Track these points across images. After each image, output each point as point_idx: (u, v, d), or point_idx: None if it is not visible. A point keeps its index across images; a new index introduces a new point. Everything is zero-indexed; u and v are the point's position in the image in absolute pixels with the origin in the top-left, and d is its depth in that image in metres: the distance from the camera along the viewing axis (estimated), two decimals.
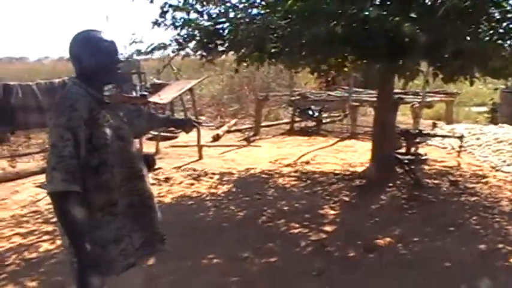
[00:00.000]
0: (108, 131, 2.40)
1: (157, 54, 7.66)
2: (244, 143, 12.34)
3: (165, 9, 7.12)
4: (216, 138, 12.75)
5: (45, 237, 5.97)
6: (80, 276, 2.23)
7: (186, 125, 3.28)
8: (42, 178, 8.73)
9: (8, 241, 5.91)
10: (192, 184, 8.31)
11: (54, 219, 6.48)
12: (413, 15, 5.76)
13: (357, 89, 13.95)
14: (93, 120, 2.35)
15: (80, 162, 2.28)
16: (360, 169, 8.88)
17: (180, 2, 7.09)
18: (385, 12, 5.92)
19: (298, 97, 14.46)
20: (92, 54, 2.46)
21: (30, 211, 7.04)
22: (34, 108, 11.09)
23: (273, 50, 6.34)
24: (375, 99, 10.07)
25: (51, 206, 6.41)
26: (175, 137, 13.13)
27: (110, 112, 2.49)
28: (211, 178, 8.69)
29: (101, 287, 2.23)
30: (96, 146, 2.35)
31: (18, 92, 10.96)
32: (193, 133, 11.07)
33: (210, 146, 11.61)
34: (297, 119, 14.93)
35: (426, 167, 8.99)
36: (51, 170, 2.27)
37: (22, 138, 11.48)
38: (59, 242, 5.69)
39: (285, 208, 6.91)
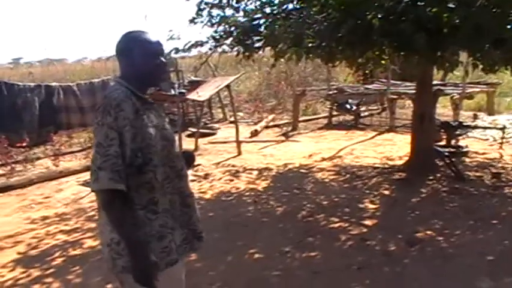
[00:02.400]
0: (152, 131, 2.43)
1: (194, 51, 7.71)
2: (283, 138, 12.34)
3: (201, 7, 7.18)
4: (254, 133, 12.78)
5: (89, 234, 6.09)
6: (136, 269, 2.33)
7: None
8: (84, 176, 8.93)
9: (53, 238, 6.05)
10: (231, 180, 8.36)
11: (97, 217, 6.64)
12: (451, 5, 5.68)
13: (395, 82, 13.80)
14: (139, 120, 2.39)
15: (124, 161, 2.32)
16: (399, 162, 8.81)
17: None
18: (422, 3, 5.88)
19: (335, 91, 14.41)
20: (141, 54, 2.49)
21: (74, 209, 7.18)
22: (75, 108, 11.30)
23: (310, 45, 6.32)
24: (413, 91, 9.97)
25: (94, 204, 6.57)
26: (214, 133, 13.21)
27: (154, 112, 2.54)
28: (250, 174, 8.73)
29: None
30: (140, 146, 2.39)
31: (60, 92, 11.18)
32: (232, 129, 11.15)
33: (248, 142, 11.64)
34: (335, 113, 14.86)
35: (467, 160, 8.88)
36: (97, 169, 2.31)
37: (64, 138, 11.67)
38: (92, 244, 5.83)
39: (325, 203, 6.91)
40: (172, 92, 11.09)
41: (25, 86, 10.95)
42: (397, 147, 10.35)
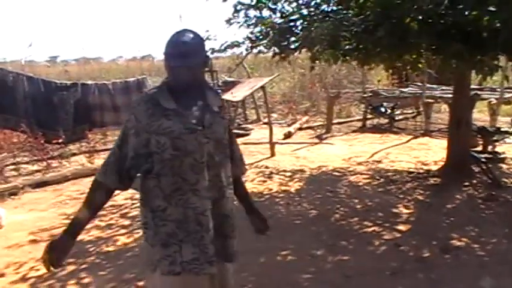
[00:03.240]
0: (162, 139, 2.39)
1: (229, 52, 7.74)
2: (316, 140, 12.30)
3: (238, 8, 7.18)
4: (288, 135, 12.76)
5: (122, 231, 6.16)
6: (46, 246, 2.63)
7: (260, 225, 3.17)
8: None
9: (87, 234, 6.10)
10: (264, 181, 8.36)
11: (131, 214, 6.72)
12: (492, 8, 5.58)
13: (431, 85, 13.63)
14: (149, 126, 2.40)
15: (120, 160, 2.48)
16: (434, 168, 8.70)
17: (252, 0, 7.13)
18: (462, 6, 5.79)
19: (370, 94, 14.30)
20: (165, 57, 2.48)
21: (108, 205, 7.23)
22: (109, 106, 11.40)
23: (346, 47, 6.28)
24: (449, 95, 9.83)
25: (128, 201, 6.65)
26: (248, 134, 13.23)
27: (175, 118, 2.43)
28: (283, 175, 8.72)
29: None
30: (150, 152, 2.42)
31: (95, 91, 11.30)
32: (265, 130, 11.14)
33: (282, 143, 11.62)
34: (369, 116, 14.75)
35: (504, 166, 8.71)
36: (104, 161, 2.57)
37: (99, 136, 11.82)
38: (136, 236, 5.89)
39: (358, 206, 6.86)
40: None
41: (61, 84, 11.10)
42: (432, 152, 10.22)
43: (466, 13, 5.63)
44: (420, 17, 5.59)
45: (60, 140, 10.15)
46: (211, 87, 2.71)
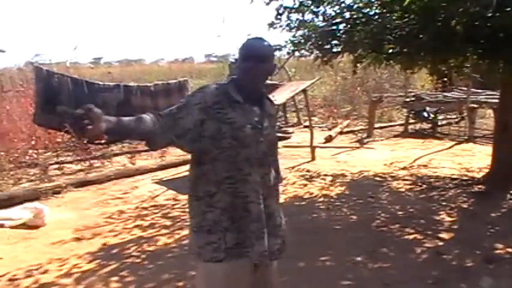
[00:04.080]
0: (224, 127, 2.49)
1: None
2: (357, 144, 12.20)
3: (280, 11, 7.17)
4: (329, 139, 12.69)
5: (164, 231, 6.19)
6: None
7: None
8: (159, 175, 9.11)
9: (129, 233, 6.18)
10: (304, 185, 8.32)
11: (172, 214, 6.76)
12: None
13: (476, 90, 13.37)
14: (215, 109, 2.49)
15: (174, 123, 2.43)
16: (478, 174, 8.53)
17: (295, 3, 7.10)
18: (509, 9, 5.65)
19: (413, 98, 14.11)
20: (245, 57, 2.62)
21: (150, 205, 7.33)
22: (151, 108, 11.51)
23: (390, 51, 6.21)
24: (495, 100, 9.64)
25: (169, 202, 6.71)
26: (288, 138, 13.20)
27: (241, 113, 2.56)
28: (324, 179, 8.67)
29: None
30: (204, 133, 2.48)
31: (137, 92, 11.45)
32: (306, 134, 11.10)
33: (322, 147, 11.57)
34: (412, 121, 14.57)
35: None
36: None
37: None
38: (176, 237, 5.93)
39: (399, 213, 6.75)
40: None
41: (104, 85, 11.28)
42: (476, 159, 10.03)
43: None
44: (466, 20, 5.47)
45: (102, 141, 10.29)
46: (268, 97, 2.83)
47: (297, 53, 7.50)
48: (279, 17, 7.15)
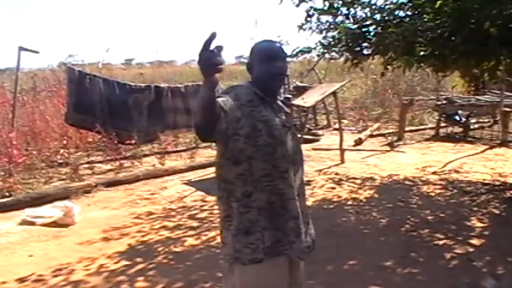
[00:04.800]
0: (260, 125, 2.50)
1: (300, 57, 7.70)
2: (387, 148, 12.09)
3: (310, 13, 7.14)
4: (358, 142, 12.60)
5: (191, 232, 6.21)
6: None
7: None
8: (188, 176, 9.15)
9: (157, 234, 6.22)
10: (333, 188, 8.27)
11: (199, 216, 6.78)
12: None
13: (509, 93, 13.15)
14: (248, 107, 2.51)
15: (220, 108, 2.31)
16: (511, 180, 8.37)
17: (325, 5, 7.06)
18: None
19: (444, 102, 13.94)
20: (255, 61, 2.67)
21: (178, 206, 7.36)
22: (182, 109, 11.60)
23: (422, 53, 6.13)
24: None
25: (197, 203, 6.72)
26: (318, 140, 13.16)
27: (270, 110, 2.61)
28: (353, 183, 8.61)
29: None
30: (239, 131, 2.47)
31: (168, 94, 11.52)
32: (336, 136, 11.04)
33: (352, 150, 11.49)
34: (443, 124, 14.39)
35: None
36: None
37: (171, 138, 12.04)
38: (203, 238, 5.94)
39: (430, 217, 6.66)
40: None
41: (136, 86, 11.38)
42: (509, 163, 9.87)
43: None
44: (500, 22, 5.37)
45: (133, 141, 10.39)
46: (280, 99, 2.84)
47: (327, 55, 7.45)
48: (308, 19, 7.13)
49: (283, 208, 2.58)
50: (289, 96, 11.58)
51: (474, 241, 5.79)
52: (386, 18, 6.70)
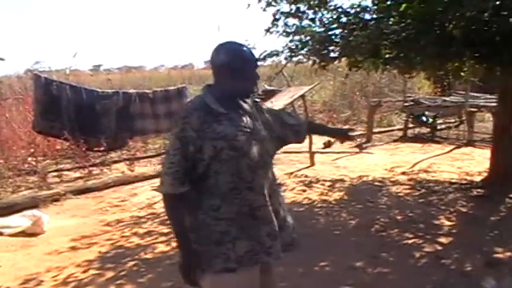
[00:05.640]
0: (219, 143, 2.48)
1: (268, 61, 7.73)
2: (357, 149, 12.18)
3: (277, 17, 7.17)
4: (328, 144, 12.66)
5: (162, 238, 6.18)
6: (181, 270, 2.63)
7: (343, 135, 3.40)
8: (158, 182, 9.08)
9: (127, 241, 6.18)
10: (303, 190, 8.31)
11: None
12: None
13: (474, 94, 13.38)
14: (203, 133, 2.48)
15: (187, 169, 2.50)
16: (477, 178, 8.52)
17: (292, 9, 7.11)
18: (506, 13, 5.66)
19: (412, 103, 14.11)
20: (241, 63, 2.62)
21: (148, 213, 7.32)
22: (150, 115, 11.54)
23: (387, 56, 6.21)
24: (494, 104, 9.65)
25: None
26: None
27: (228, 122, 2.55)
28: (323, 185, 8.65)
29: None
30: (203, 156, 2.49)
31: (136, 99, 11.45)
32: (306, 139, 11.08)
33: (321, 153, 11.56)
34: (411, 125, 14.56)
35: None
36: (163, 174, 2.57)
37: (140, 144, 11.97)
38: (174, 244, 5.90)
39: (399, 217, 6.74)
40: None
41: (104, 92, 11.29)
42: (475, 162, 10.02)
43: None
44: (463, 25, 5.47)
45: (101, 148, 10.31)
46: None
47: (294, 59, 7.49)
48: (275, 22, 7.16)
49: (253, 218, 2.59)
50: (258, 100, 11.62)
51: (443, 239, 5.88)
52: (352, 21, 6.76)
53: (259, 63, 7.20)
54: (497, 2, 5.63)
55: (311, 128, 3.32)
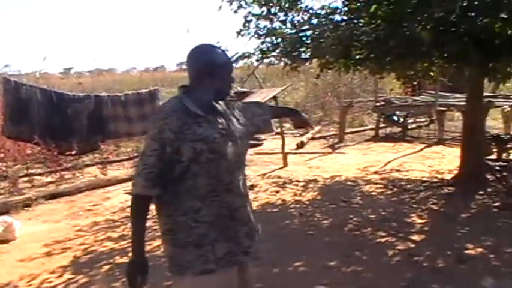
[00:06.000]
0: (198, 145, 2.47)
1: (240, 63, 7.75)
2: (329, 150, 12.27)
3: (248, 19, 7.20)
4: (301, 145, 12.74)
5: None
6: (126, 272, 2.62)
7: (299, 119, 3.30)
8: (131, 185, 9.02)
9: (101, 245, 6.13)
10: (277, 191, 8.34)
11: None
12: (503, 15, 5.54)
13: (444, 93, 13.57)
14: (183, 134, 2.46)
15: (162, 171, 2.48)
16: (448, 176, 8.65)
17: (263, 11, 7.14)
18: (474, 14, 5.76)
19: (383, 103, 14.26)
20: (199, 68, 2.60)
21: (121, 217, 7.27)
22: (122, 118, 11.46)
23: (358, 57, 6.27)
24: (463, 103, 9.80)
25: None
26: (260, 144, 13.22)
27: (207, 125, 2.54)
28: (296, 185, 8.70)
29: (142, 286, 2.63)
30: (182, 158, 2.47)
31: (108, 103, 11.36)
32: (278, 140, 11.12)
33: (294, 153, 11.61)
34: (382, 125, 14.71)
35: None
36: (136, 175, 2.54)
37: (112, 147, 11.89)
38: (148, 248, 5.85)
39: (372, 216, 6.81)
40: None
41: (75, 96, 11.18)
42: (446, 161, 10.18)
43: (479, 21, 5.61)
44: (432, 26, 5.55)
45: (73, 152, 10.21)
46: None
47: (265, 60, 7.52)
48: (247, 24, 7.18)
49: (233, 219, 2.59)
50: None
51: (415, 237, 5.95)
52: (323, 22, 6.82)
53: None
54: (465, 4, 5.74)
55: (274, 112, 3.30)
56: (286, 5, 6.98)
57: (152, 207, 2.60)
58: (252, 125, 2.87)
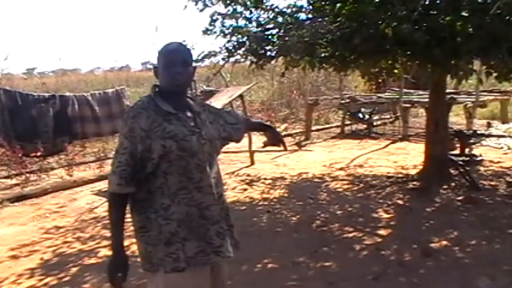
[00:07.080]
0: (168, 142, 2.50)
1: (207, 61, 7.75)
2: (296, 147, 12.32)
3: (214, 18, 7.19)
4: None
5: (104, 242, 6.09)
6: (108, 269, 2.64)
7: (273, 136, 3.43)
8: (98, 186, 8.97)
9: (69, 247, 6.07)
10: (245, 189, 8.38)
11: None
12: (465, 13, 5.66)
13: (408, 90, 13.77)
14: (152, 132, 2.49)
15: (135, 168, 2.51)
16: (413, 171, 8.79)
17: (229, 10, 7.14)
18: (436, 12, 5.86)
19: (348, 100, 14.39)
20: (161, 65, 2.64)
21: (89, 218, 7.22)
22: (90, 118, 11.34)
23: (323, 54, 6.33)
24: (426, 100, 9.95)
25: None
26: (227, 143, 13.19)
27: (177, 122, 2.57)
28: (264, 183, 8.74)
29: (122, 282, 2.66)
30: (152, 156, 2.50)
31: (74, 102, 11.23)
32: (245, 138, 11.14)
33: (261, 151, 11.62)
34: (348, 122, 14.85)
35: (482, 168, 8.85)
36: (111, 174, 2.56)
37: (78, 148, 11.74)
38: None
39: (339, 212, 6.89)
40: None
41: (39, 96, 11.02)
42: (410, 156, 10.32)
43: (440, 19, 5.71)
44: (395, 24, 5.64)
45: (38, 153, 10.07)
46: (189, 96, 2.82)
47: (232, 59, 7.53)
48: (212, 23, 7.18)
49: (203, 218, 2.60)
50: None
51: (382, 232, 6.06)
52: (288, 21, 6.86)
53: (197, 64, 7.19)
54: (427, 2, 5.85)
55: (249, 125, 3.34)
56: (251, 5, 7.00)
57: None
58: (224, 131, 2.90)
